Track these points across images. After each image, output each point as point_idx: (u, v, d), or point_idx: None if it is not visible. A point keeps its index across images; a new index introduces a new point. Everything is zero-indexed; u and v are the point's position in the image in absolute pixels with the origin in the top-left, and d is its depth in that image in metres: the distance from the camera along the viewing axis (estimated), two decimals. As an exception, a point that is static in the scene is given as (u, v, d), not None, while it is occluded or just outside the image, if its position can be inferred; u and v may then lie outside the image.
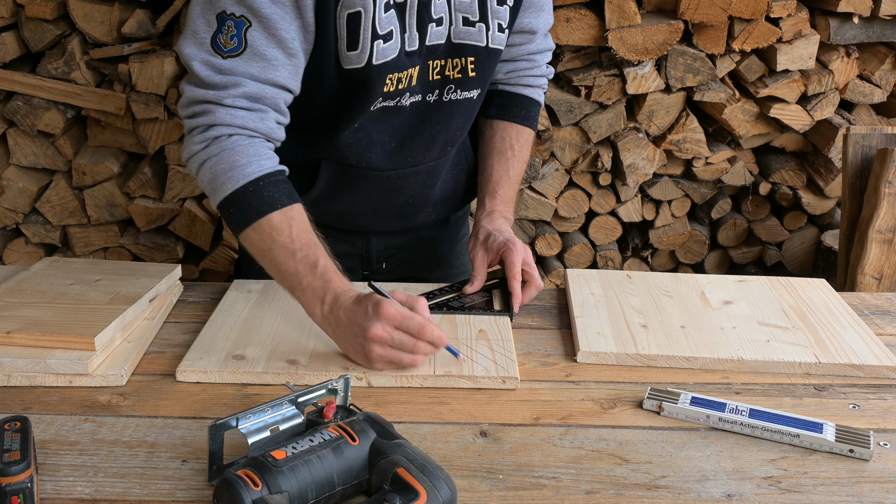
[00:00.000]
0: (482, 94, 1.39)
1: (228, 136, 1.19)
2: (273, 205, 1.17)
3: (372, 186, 1.40)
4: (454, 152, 1.47)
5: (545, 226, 2.81)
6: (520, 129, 1.50)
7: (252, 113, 1.19)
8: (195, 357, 1.14)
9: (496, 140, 1.48)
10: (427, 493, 0.81)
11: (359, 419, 0.90)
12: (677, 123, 2.66)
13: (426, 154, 1.39)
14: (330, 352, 1.17)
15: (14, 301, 1.23)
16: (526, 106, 1.51)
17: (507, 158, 1.47)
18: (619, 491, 0.91)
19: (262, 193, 1.17)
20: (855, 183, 2.40)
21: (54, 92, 2.47)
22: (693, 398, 1.06)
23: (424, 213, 1.50)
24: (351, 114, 1.30)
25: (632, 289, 1.39)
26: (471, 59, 1.31)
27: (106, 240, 2.70)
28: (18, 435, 0.86)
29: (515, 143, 1.48)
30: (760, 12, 2.46)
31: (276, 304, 1.31)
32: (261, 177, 1.18)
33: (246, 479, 0.80)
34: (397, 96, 1.30)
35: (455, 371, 1.12)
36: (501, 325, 1.26)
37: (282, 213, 1.17)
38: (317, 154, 1.37)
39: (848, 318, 1.29)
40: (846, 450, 0.97)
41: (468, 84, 1.34)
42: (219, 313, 1.28)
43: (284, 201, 1.18)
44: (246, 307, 1.30)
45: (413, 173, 1.41)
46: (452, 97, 1.34)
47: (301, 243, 1.17)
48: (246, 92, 1.18)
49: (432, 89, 1.32)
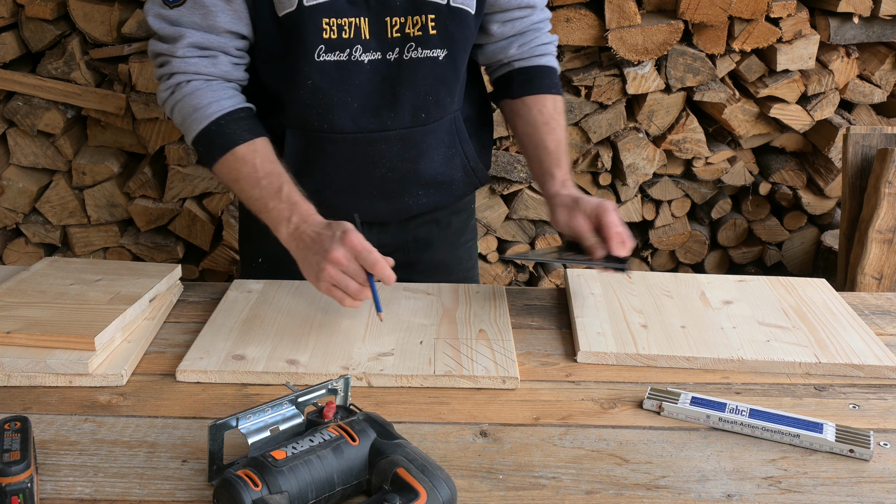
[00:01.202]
0: (452, 58, 1.37)
1: (188, 82, 1.31)
2: (235, 140, 1.29)
3: (341, 153, 1.39)
4: (442, 130, 1.44)
5: (545, 226, 2.81)
6: (552, 97, 1.47)
7: (204, 59, 1.31)
8: (195, 357, 1.15)
9: (534, 114, 1.46)
10: (427, 493, 0.81)
11: (359, 419, 0.90)
12: (677, 123, 2.66)
13: (393, 117, 1.37)
14: (330, 351, 1.17)
15: (14, 301, 1.23)
16: (548, 75, 1.49)
17: (553, 129, 1.45)
18: (619, 491, 0.91)
19: (224, 131, 1.29)
20: (855, 183, 2.40)
21: (54, 92, 2.47)
22: (693, 398, 1.06)
23: (413, 195, 1.47)
24: (298, 67, 1.31)
25: (632, 289, 1.39)
26: (431, 16, 1.31)
27: (106, 240, 2.70)
28: (18, 435, 0.86)
29: (554, 112, 1.46)
30: (760, 12, 2.46)
31: (276, 303, 1.31)
32: (221, 115, 1.30)
33: (246, 479, 0.80)
34: (346, 47, 1.30)
35: (455, 371, 1.12)
36: (501, 324, 1.26)
37: (245, 147, 1.29)
38: (281, 122, 1.39)
39: (848, 318, 1.29)
40: (846, 450, 0.97)
41: (430, 42, 1.33)
42: (219, 313, 1.28)
43: (246, 136, 1.29)
44: (246, 307, 1.30)
45: (383, 139, 1.39)
46: (414, 55, 1.33)
47: (264, 172, 1.27)
48: (192, 41, 1.29)
49: (392, 47, 1.32)
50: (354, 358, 1.15)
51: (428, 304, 1.33)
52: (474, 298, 1.35)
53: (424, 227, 1.56)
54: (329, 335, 1.22)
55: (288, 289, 1.37)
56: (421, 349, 1.18)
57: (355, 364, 1.14)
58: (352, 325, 1.25)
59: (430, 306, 1.33)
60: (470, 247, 1.67)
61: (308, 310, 1.29)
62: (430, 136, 1.43)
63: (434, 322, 1.27)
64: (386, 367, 1.13)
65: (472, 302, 1.34)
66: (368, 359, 1.15)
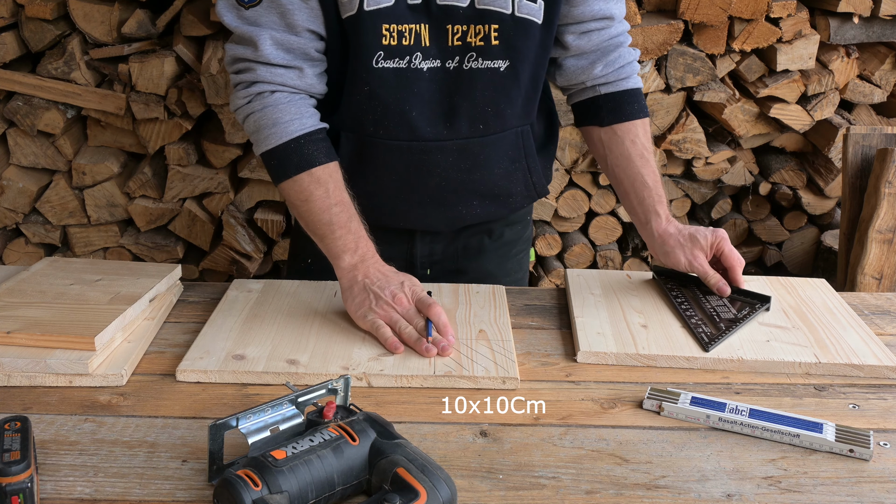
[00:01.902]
0: (514, 70, 1.33)
1: (271, 93, 1.29)
2: (312, 162, 1.28)
3: (395, 160, 1.37)
4: (505, 143, 1.40)
5: (545, 226, 2.81)
6: (643, 123, 1.43)
7: (290, 70, 1.29)
8: (195, 357, 1.15)
9: (627, 144, 1.41)
10: (427, 493, 0.81)
11: (359, 419, 0.90)
12: (677, 123, 2.66)
13: (449, 127, 1.35)
14: (330, 352, 1.17)
15: (14, 301, 1.23)
16: (636, 99, 1.44)
17: (648, 160, 1.41)
18: (619, 491, 0.91)
19: (303, 150, 1.28)
20: (855, 183, 2.40)
21: (54, 92, 2.47)
22: (693, 398, 1.06)
23: (467, 205, 1.44)
24: (356, 71, 1.29)
25: (632, 289, 1.39)
26: (494, 26, 1.28)
27: (106, 240, 2.70)
28: (18, 435, 0.86)
29: (645, 139, 1.42)
30: (760, 12, 2.46)
31: (276, 303, 1.31)
32: (302, 135, 1.28)
33: (246, 479, 0.80)
34: (405, 55, 1.28)
35: (455, 371, 1.12)
36: (501, 325, 1.26)
37: (321, 169, 1.28)
38: (336, 124, 1.37)
39: (848, 318, 1.29)
40: (846, 450, 0.97)
41: (491, 53, 1.30)
42: (219, 313, 1.28)
43: (323, 159, 1.28)
44: (246, 307, 1.30)
45: (439, 149, 1.36)
46: (474, 65, 1.31)
47: (336, 199, 1.28)
48: (274, 40, 1.26)
49: (452, 56, 1.30)
50: (354, 358, 1.15)
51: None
52: (474, 299, 1.35)
53: (476, 237, 1.53)
54: (329, 335, 1.22)
55: (288, 289, 1.37)
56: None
57: (355, 364, 1.14)
58: (351, 326, 1.24)
59: None
60: (521, 258, 1.63)
61: (308, 310, 1.29)
62: (489, 147, 1.39)
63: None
64: (386, 367, 1.13)
65: (472, 302, 1.34)
66: (368, 359, 1.15)
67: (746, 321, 1.26)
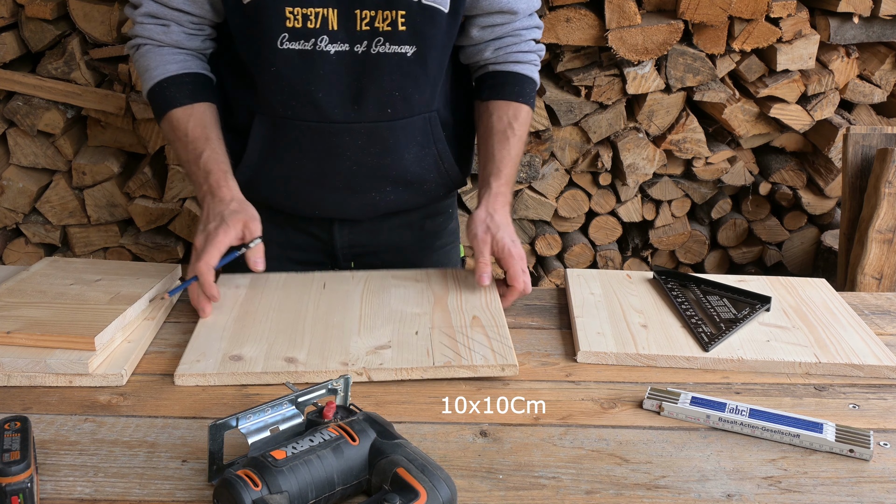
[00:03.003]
0: (421, 56, 1.35)
1: (143, 45, 1.41)
2: (172, 104, 1.37)
3: (306, 142, 1.40)
4: (414, 128, 1.43)
5: (545, 226, 2.81)
6: (517, 106, 1.46)
7: (157, 26, 1.38)
8: (192, 360, 1.14)
9: (493, 120, 1.45)
10: (427, 493, 0.81)
11: (359, 419, 0.90)
12: (677, 123, 2.66)
13: (357, 110, 1.37)
14: (327, 347, 1.17)
15: (14, 301, 1.23)
16: (519, 83, 1.47)
17: (508, 137, 1.44)
18: (619, 491, 0.91)
19: (165, 94, 1.38)
20: (855, 183, 2.40)
21: (54, 92, 2.47)
22: (693, 398, 1.06)
23: (381, 191, 1.46)
24: (263, 53, 1.33)
25: (632, 289, 1.39)
26: (402, 12, 1.31)
27: (106, 240, 2.70)
28: (18, 435, 0.86)
29: (514, 121, 1.45)
30: (760, 12, 2.46)
31: (266, 299, 1.31)
32: (164, 79, 1.38)
33: (246, 479, 0.80)
34: (310, 37, 1.31)
35: (454, 361, 1.13)
36: (493, 309, 1.27)
37: (181, 111, 1.36)
38: (249, 108, 1.42)
39: (848, 317, 1.29)
40: (846, 450, 0.97)
41: (398, 38, 1.33)
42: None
43: (185, 101, 1.37)
44: (236, 304, 1.30)
45: (348, 131, 1.39)
46: (381, 50, 1.33)
47: (193, 136, 1.35)
48: (147, 10, 1.38)
49: (360, 40, 1.33)
50: (352, 352, 1.15)
51: (418, 292, 1.33)
52: (463, 284, 1.36)
53: (397, 231, 1.56)
54: (324, 329, 1.22)
55: (276, 283, 1.36)
56: (417, 340, 1.18)
57: (354, 359, 1.13)
58: (344, 319, 1.25)
59: (420, 294, 1.33)
60: (449, 250, 1.65)
61: (299, 305, 1.29)
62: (399, 132, 1.42)
63: (427, 311, 1.27)
64: (385, 360, 1.13)
65: (462, 287, 1.34)
66: (366, 353, 1.15)
67: (746, 321, 1.26)
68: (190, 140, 1.35)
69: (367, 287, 1.35)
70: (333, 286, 1.36)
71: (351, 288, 1.35)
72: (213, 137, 1.36)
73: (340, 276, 1.39)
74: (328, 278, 1.38)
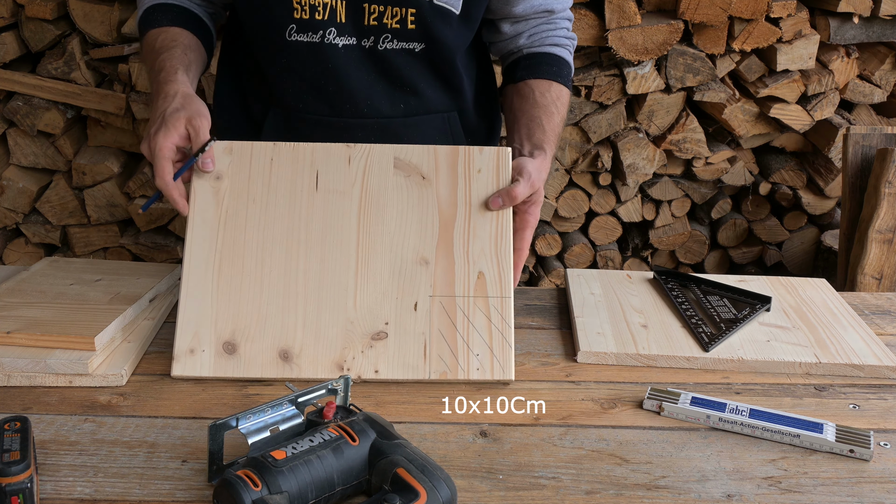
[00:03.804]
0: (431, 53, 1.34)
1: None
2: (152, 24, 1.36)
3: (319, 135, 1.36)
4: (431, 127, 1.41)
5: (545, 226, 2.81)
6: (558, 87, 1.38)
7: None
8: (186, 349, 1.12)
9: (536, 96, 1.36)
10: (427, 493, 0.81)
11: (359, 419, 0.90)
12: (677, 123, 2.66)
13: (367, 104, 1.37)
14: (322, 333, 1.14)
15: (14, 301, 1.23)
16: (557, 63, 1.40)
17: (552, 114, 1.34)
18: (619, 491, 0.91)
19: (148, 19, 1.37)
20: (855, 183, 2.40)
21: (54, 92, 2.47)
22: (693, 398, 1.06)
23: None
24: (272, 45, 1.33)
25: (632, 289, 1.39)
26: (412, 10, 1.30)
27: (106, 240, 2.70)
28: (18, 435, 0.86)
29: (557, 100, 1.37)
30: (760, 12, 2.46)
31: (251, 233, 1.19)
32: (152, 6, 1.38)
33: (246, 479, 0.80)
34: (318, 29, 1.30)
35: (450, 374, 1.12)
36: (502, 255, 1.18)
37: (157, 31, 1.35)
38: (264, 101, 1.42)
39: (848, 317, 1.29)
40: (846, 450, 0.97)
41: (406, 35, 1.32)
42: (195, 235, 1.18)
43: (164, 22, 1.36)
44: (218, 226, 1.18)
45: (360, 126, 1.38)
46: (388, 46, 1.33)
47: (159, 47, 1.32)
48: None
49: (367, 34, 1.32)
50: (348, 344, 1.13)
51: (422, 209, 1.20)
52: (475, 200, 1.21)
53: None
54: (317, 290, 1.16)
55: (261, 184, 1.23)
56: (415, 325, 1.14)
57: (350, 357, 1.12)
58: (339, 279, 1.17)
59: (424, 211, 1.20)
60: None
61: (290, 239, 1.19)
62: (413, 129, 1.41)
63: (430, 254, 1.17)
64: (381, 367, 1.12)
65: (472, 201, 1.21)
66: (362, 344, 1.13)
67: (746, 321, 1.26)
68: (155, 49, 1.31)
69: (364, 194, 1.21)
70: (327, 186, 1.22)
71: (346, 205, 1.21)
72: (179, 45, 1.31)
73: (334, 167, 1.23)
74: (320, 165, 1.23)
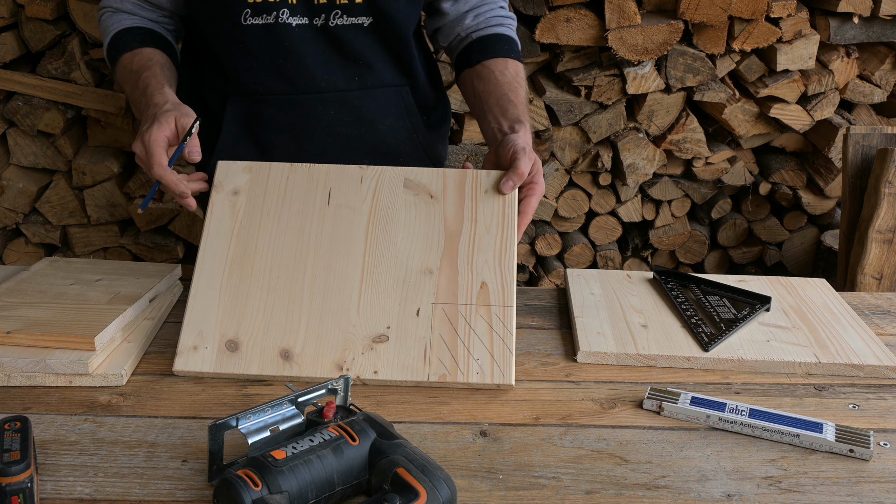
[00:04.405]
0: (378, 26, 1.40)
1: (103, 12, 1.49)
2: (122, 49, 1.43)
3: (280, 117, 1.44)
4: (386, 100, 1.46)
5: (545, 226, 2.81)
6: (515, 63, 1.47)
7: None
8: (189, 346, 1.13)
9: (496, 75, 1.43)
10: (427, 493, 0.81)
11: (359, 419, 0.90)
12: (677, 123, 2.66)
13: (326, 79, 1.42)
14: (324, 336, 1.15)
15: (14, 301, 1.23)
16: (506, 42, 1.49)
17: (517, 88, 1.42)
18: (619, 491, 0.91)
19: (118, 44, 1.44)
20: (855, 183, 2.40)
21: (54, 92, 2.47)
22: (693, 398, 1.06)
23: (358, 162, 1.39)
24: (228, 31, 1.38)
25: (632, 289, 1.39)
26: None
27: (106, 240, 2.70)
28: (18, 435, 0.86)
29: (517, 75, 1.45)
30: (760, 12, 2.46)
31: (262, 242, 1.23)
32: (117, 32, 1.45)
33: (246, 479, 0.80)
34: (272, 10, 1.35)
35: (450, 376, 1.12)
36: (505, 268, 1.20)
37: (129, 54, 1.42)
38: (221, 91, 1.46)
39: (848, 317, 1.29)
40: (846, 450, 0.97)
41: (355, 10, 1.38)
42: (207, 247, 1.23)
43: (134, 45, 1.43)
44: (232, 238, 1.24)
45: (320, 101, 1.43)
46: (339, 22, 1.38)
47: (136, 67, 1.39)
48: None
49: (318, 13, 1.37)
50: (349, 345, 1.13)
51: (428, 224, 1.24)
52: (481, 216, 1.24)
53: None
54: (321, 302, 1.17)
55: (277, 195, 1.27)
56: (416, 329, 1.15)
57: (349, 358, 1.12)
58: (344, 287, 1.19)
59: (430, 228, 1.23)
60: None
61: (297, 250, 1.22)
62: (370, 101, 1.46)
63: (434, 264, 1.20)
64: (381, 368, 1.12)
65: (478, 218, 1.24)
66: (362, 347, 1.13)
67: (746, 321, 1.26)
68: (133, 70, 1.38)
69: (375, 208, 1.25)
70: (338, 201, 1.26)
71: (356, 218, 1.25)
72: (156, 63, 1.39)
73: (347, 186, 1.28)
74: (333, 183, 1.28)
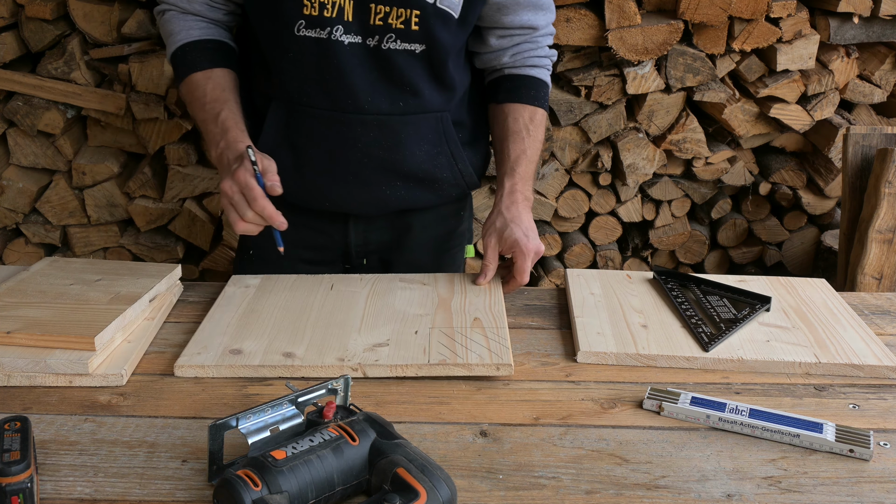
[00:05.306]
0: (431, 55, 1.39)
1: (167, 11, 1.47)
2: (194, 67, 1.42)
3: (318, 130, 1.43)
4: (426, 126, 1.46)
5: (545, 226, 2.81)
6: (532, 109, 1.50)
7: None
8: (193, 353, 1.15)
9: (509, 122, 1.49)
10: (427, 493, 0.81)
11: (359, 419, 0.90)
12: (677, 123, 2.66)
13: (370, 101, 1.40)
14: (326, 343, 1.18)
15: (14, 301, 1.23)
16: (535, 86, 1.52)
17: (523, 138, 1.48)
18: (619, 491, 0.91)
19: (187, 58, 1.43)
20: (855, 183, 2.40)
21: (54, 92, 2.47)
22: (693, 398, 1.06)
23: (392, 186, 1.48)
24: (280, 39, 1.37)
25: (632, 289, 1.39)
26: (416, 12, 1.34)
27: (106, 240, 2.70)
28: (18, 435, 0.86)
29: (529, 123, 1.49)
30: (760, 12, 2.46)
31: (272, 299, 1.32)
32: (186, 43, 1.43)
33: (246, 479, 0.80)
34: (326, 26, 1.34)
35: (449, 359, 1.13)
36: (496, 312, 1.27)
37: (201, 74, 1.41)
38: (267, 93, 1.46)
39: (848, 317, 1.29)
40: (846, 450, 0.97)
41: (409, 37, 1.37)
42: (217, 308, 1.28)
43: (205, 65, 1.42)
44: (244, 302, 1.31)
45: (360, 122, 1.41)
46: (392, 46, 1.37)
47: (211, 97, 1.39)
48: None
49: (372, 34, 1.36)
50: (350, 349, 1.16)
51: (423, 294, 1.34)
52: (470, 288, 1.37)
53: (408, 230, 1.58)
54: (325, 327, 1.23)
55: (284, 284, 1.38)
56: (416, 339, 1.19)
57: (351, 354, 1.14)
58: (347, 318, 1.25)
59: (425, 296, 1.34)
60: (455, 253, 1.67)
61: (304, 304, 1.30)
62: (411, 127, 1.45)
63: (429, 311, 1.28)
64: (381, 357, 1.14)
65: (468, 291, 1.35)
66: (364, 350, 1.16)
67: (746, 321, 1.26)
68: (208, 101, 1.38)
69: (373, 289, 1.36)
70: (341, 287, 1.37)
71: (358, 289, 1.36)
72: (231, 99, 1.39)
73: (349, 279, 1.40)
74: (336, 280, 1.39)
